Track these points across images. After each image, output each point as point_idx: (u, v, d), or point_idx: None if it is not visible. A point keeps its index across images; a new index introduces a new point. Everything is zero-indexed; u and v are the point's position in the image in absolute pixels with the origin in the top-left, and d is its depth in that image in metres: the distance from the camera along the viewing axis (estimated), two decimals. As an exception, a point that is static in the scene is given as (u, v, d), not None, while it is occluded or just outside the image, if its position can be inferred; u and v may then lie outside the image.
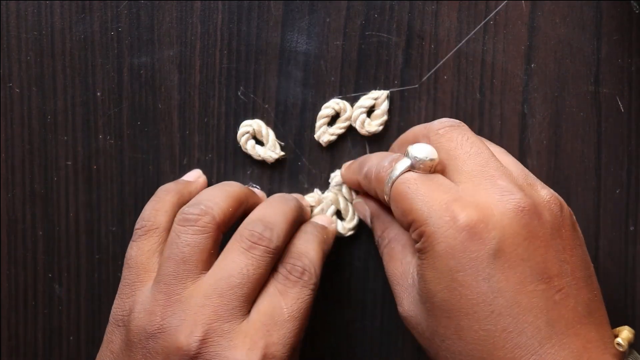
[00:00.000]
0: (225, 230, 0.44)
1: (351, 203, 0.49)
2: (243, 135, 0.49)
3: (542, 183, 0.41)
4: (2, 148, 0.50)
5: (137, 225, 0.45)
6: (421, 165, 0.41)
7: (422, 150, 0.41)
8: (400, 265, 0.43)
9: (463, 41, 0.48)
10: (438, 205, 0.39)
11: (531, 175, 0.42)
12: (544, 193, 0.40)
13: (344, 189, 0.49)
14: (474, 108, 0.48)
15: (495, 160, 0.41)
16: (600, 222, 0.48)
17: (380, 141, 0.49)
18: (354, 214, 0.49)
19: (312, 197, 0.49)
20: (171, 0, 0.49)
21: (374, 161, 0.44)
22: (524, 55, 0.48)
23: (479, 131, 0.48)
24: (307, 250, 0.45)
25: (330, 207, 0.49)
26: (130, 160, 0.50)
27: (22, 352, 0.51)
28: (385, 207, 0.46)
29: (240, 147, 0.49)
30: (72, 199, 0.50)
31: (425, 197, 0.39)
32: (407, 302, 0.42)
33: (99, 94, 0.50)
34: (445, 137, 0.42)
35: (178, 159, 0.50)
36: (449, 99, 0.48)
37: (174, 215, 0.45)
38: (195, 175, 0.49)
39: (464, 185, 0.40)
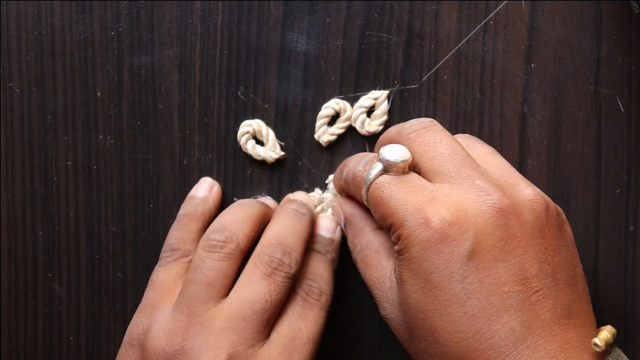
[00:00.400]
0: (246, 253, 0.45)
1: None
2: (243, 135, 0.49)
3: (528, 182, 0.40)
4: (2, 148, 0.50)
5: (164, 253, 0.46)
6: (394, 168, 0.40)
7: (393, 152, 0.40)
8: (376, 270, 0.43)
9: (463, 41, 0.48)
10: (412, 207, 0.38)
11: (516, 174, 0.41)
12: (527, 192, 0.39)
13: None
14: (474, 108, 0.48)
15: (472, 160, 0.40)
16: (600, 222, 0.48)
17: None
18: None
19: (312, 197, 0.49)
20: (171, 0, 0.49)
21: (350, 165, 0.44)
22: (524, 55, 0.48)
23: (479, 131, 0.48)
24: (321, 271, 0.46)
25: (330, 208, 0.49)
26: (130, 160, 0.50)
27: (22, 352, 0.51)
28: (364, 209, 0.46)
29: (240, 147, 0.49)
30: (72, 199, 0.50)
31: (400, 199, 0.39)
32: (387, 305, 0.42)
33: (99, 94, 0.50)
34: (417, 141, 0.41)
35: (178, 159, 0.50)
36: (449, 99, 0.48)
37: (199, 240, 0.45)
38: (207, 188, 0.49)
39: (440, 185, 0.39)
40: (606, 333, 0.38)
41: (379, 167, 0.41)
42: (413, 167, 0.41)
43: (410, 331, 0.40)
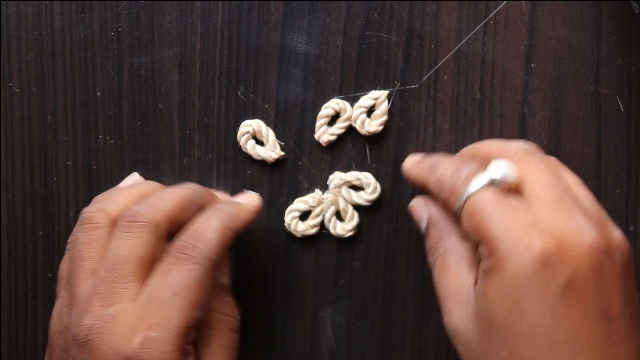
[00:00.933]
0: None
1: (351, 204, 0.49)
2: (243, 135, 0.49)
3: (613, 223, 0.41)
4: (2, 148, 0.50)
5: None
6: (500, 185, 0.40)
7: (503, 170, 0.40)
8: (455, 277, 0.42)
9: (463, 41, 0.48)
10: (514, 229, 0.38)
11: (603, 212, 0.41)
12: (617, 234, 0.40)
13: (344, 190, 0.49)
14: (474, 108, 0.48)
15: (570, 192, 0.40)
16: (600, 222, 0.48)
17: (380, 141, 0.49)
18: (353, 215, 0.49)
19: (312, 198, 0.49)
20: (171, 0, 0.49)
21: (448, 168, 0.43)
22: (524, 55, 0.48)
23: (479, 131, 0.48)
24: (203, 225, 0.43)
25: (330, 208, 0.49)
26: (130, 160, 0.50)
27: (22, 352, 0.51)
28: (445, 214, 0.45)
29: (240, 147, 0.49)
30: (72, 199, 0.50)
31: (502, 218, 0.39)
32: (459, 317, 0.41)
33: (99, 94, 0.50)
34: (523, 162, 0.41)
35: (178, 159, 0.50)
36: (449, 99, 0.48)
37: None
38: (132, 180, 0.49)
39: (541, 212, 0.39)
40: None
41: (485, 179, 0.40)
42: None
43: (484, 349, 0.39)
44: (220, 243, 0.42)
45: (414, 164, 0.46)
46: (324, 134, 0.49)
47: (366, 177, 0.49)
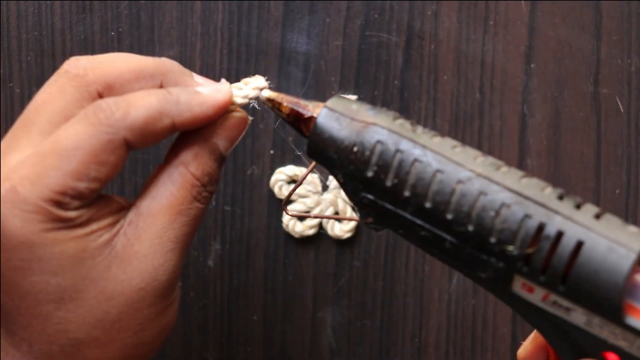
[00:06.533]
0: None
1: (350, 206, 0.49)
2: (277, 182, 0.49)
3: None
4: (2, 148, 0.50)
5: None
6: None
7: None
8: None
9: (463, 41, 0.48)
10: None
11: None
12: None
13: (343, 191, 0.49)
14: (474, 108, 0.48)
15: None
16: (600, 223, 0.48)
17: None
18: (352, 216, 0.49)
19: (311, 199, 0.49)
20: (171, 0, 0.49)
21: None
22: (524, 55, 0.48)
23: (479, 131, 0.48)
24: (137, 98, 0.36)
25: (329, 209, 0.49)
26: (130, 160, 0.50)
27: None
28: None
29: (240, 147, 0.49)
30: (72, 199, 0.50)
31: None
32: None
33: (99, 94, 0.50)
34: None
35: (178, 159, 0.50)
36: (449, 99, 0.48)
37: None
38: None
39: None
40: None
41: None
42: None
43: None
44: (143, 125, 0.35)
45: None
46: None
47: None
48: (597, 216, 0.31)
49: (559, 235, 0.31)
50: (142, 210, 0.37)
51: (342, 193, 0.49)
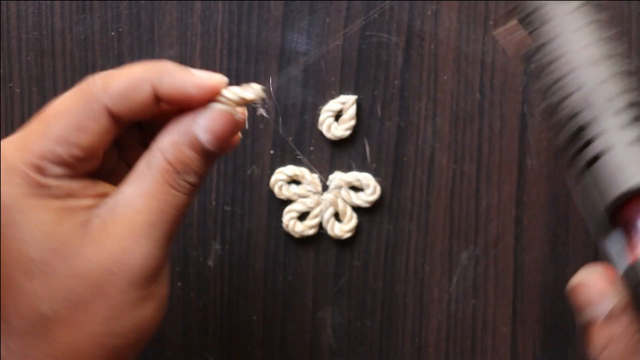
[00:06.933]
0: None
1: (350, 206, 0.49)
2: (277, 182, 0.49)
3: None
4: (2, 148, 0.50)
5: None
6: None
7: None
8: None
9: (463, 41, 0.48)
10: None
11: None
12: None
13: (343, 191, 0.49)
14: (474, 108, 0.48)
15: None
16: (600, 223, 0.48)
17: (380, 141, 0.49)
18: (351, 216, 0.49)
19: (311, 199, 0.49)
20: (171, 0, 0.49)
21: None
22: (524, 55, 0.48)
23: (479, 132, 0.48)
24: (123, 69, 0.37)
25: (329, 209, 0.49)
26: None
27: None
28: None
29: (240, 146, 0.49)
30: (72, 199, 0.50)
31: None
32: None
33: (99, 94, 0.50)
34: None
35: (178, 159, 0.50)
36: (449, 99, 0.48)
37: None
38: None
39: None
40: None
41: None
42: None
43: None
44: (123, 91, 0.36)
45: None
46: (336, 129, 0.49)
47: (366, 178, 0.49)
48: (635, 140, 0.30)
49: (589, 141, 0.31)
50: (120, 195, 0.36)
51: (342, 193, 0.49)
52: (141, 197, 0.36)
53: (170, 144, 0.36)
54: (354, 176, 0.49)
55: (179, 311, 0.50)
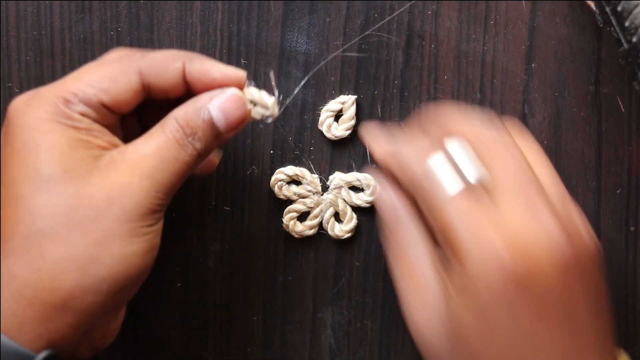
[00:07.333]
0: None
1: (350, 206, 0.49)
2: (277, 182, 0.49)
3: (580, 217, 0.39)
4: (2, 148, 0.50)
5: None
6: (474, 188, 0.38)
7: (477, 171, 0.38)
8: (417, 275, 0.41)
9: (463, 41, 0.48)
10: (482, 242, 0.37)
11: (567, 196, 0.39)
12: (589, 240, 0.38)
13: (344, 191, 0.49)
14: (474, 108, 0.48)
15: (538, 185, 0.38)
16: (600, 222, 0.48)
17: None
18: (351, 216, 0.49)
19: (311, 199, 0.49)
20: (171, 0, 0.49)
21: (411, 155, 0.41)
22: (524, 55, 0.48)
23: (479, 131, 0.48)
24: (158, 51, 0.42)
25: (329, 209, 0.49)
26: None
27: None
28: (404, 194, 0.42)
29: (240, 147, 0.49)
30: (72, 199, 0.50)
31: (471, 228, 0.37)
32: (424, 320, 0.40)
33: (98, 94, 0.50)
34: (492, 152, 0.39)
35: (178, 159, 0.50)
36: (449, 99, 0.48)
37: None
38: None
39: (509, 216, 0.37)
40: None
41: (458, 187, 0.38)
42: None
43: (451, 358, 0.39)
44: (157, 61, 0.41)
45: (373, 140, 0.45)
46: (336, 129, 0.49)
47: (366, 178, 0.49)
48: None
49: None
50: (131, 144, 0.40)
51: (343, 193, 0.49)
52: (150, 146, 0.39)
53: (184, 112, 0.40)
54: (354, 176, 0.49)
55: (179, 311, 0.50)
